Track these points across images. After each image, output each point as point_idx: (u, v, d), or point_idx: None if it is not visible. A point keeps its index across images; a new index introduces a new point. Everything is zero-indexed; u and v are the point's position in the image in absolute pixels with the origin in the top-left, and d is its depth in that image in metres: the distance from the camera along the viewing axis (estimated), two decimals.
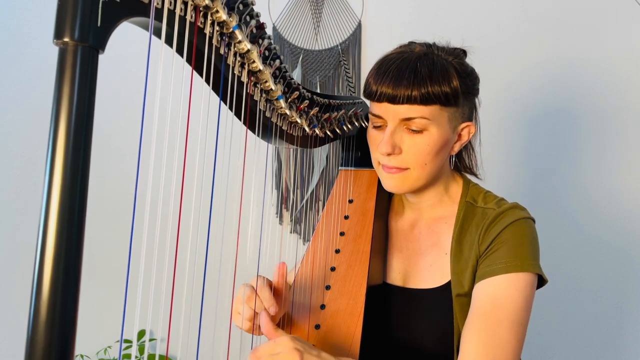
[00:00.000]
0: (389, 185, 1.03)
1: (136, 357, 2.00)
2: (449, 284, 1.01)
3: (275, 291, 0.94)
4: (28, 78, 2.20)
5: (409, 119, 0.97)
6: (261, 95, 0.84)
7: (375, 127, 1.03)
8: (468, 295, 0.98)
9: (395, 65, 0.97)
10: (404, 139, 0.99)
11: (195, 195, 0.69)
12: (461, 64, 1.02)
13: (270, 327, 0.85)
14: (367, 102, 1.08)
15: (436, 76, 0.96)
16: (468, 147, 1.13)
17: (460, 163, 1.13)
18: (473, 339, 0.91)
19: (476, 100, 1.08)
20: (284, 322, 0.99)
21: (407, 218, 1.14)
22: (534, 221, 1.02)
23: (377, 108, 1.00)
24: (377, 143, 1.00)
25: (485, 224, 1.00)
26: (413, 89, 0.94)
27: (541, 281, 0.99)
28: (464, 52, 1.07)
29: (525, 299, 0.94)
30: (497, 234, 0.98)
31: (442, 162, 1.03)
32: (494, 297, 0.93)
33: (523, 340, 0.94)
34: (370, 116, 1.04)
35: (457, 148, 1.05)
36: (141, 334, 2.01)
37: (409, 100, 0.95)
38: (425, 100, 0.95)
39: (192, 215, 0.69)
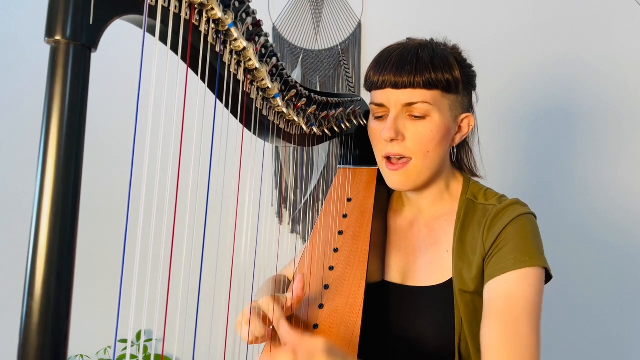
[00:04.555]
0: (393, 181, 1.03)
1: (132, 356, 2.00)
2: (449, 281, 1.00)
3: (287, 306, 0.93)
4: (26, 78, 2.19)
5: (411, 104, 0.98)
6: (258, 94, 0.83)
7: (376, 117, 1.04)
8: (474, 293, 0.98)
9: (397, 53, 1.00)
10: (407, 125, 0.99)
11: (191, 194, 0.68)
12: (460, 55, 1.05)
13: (295, 336, 0.80)
14: (367, 98, 1.08)
15: (438, 62, 0.98)
16: (466, 148, 1.13)
17: (460, 164, 1.13)
18: (494, 339, 0.90)
19: (474, 95, 1.09)
20: None
21: (406, 216, 1.13)
22: (535, 217, 1.02)
23: (379, 96, 1.01)
24: (379, 133, 1.01)
25: (488, 220, 1.00)
26: (416, 74, 0.96)
27: (547, 277, 0.98)
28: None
29: (538, 292, 0.94)
30: (501, 230, 0.97)
31: (443, 153, 1.03)
32: (508, 294, 0.93)
33: (540, 333, 0.93)
34: (371, 107, 1.04)
35: (457, 140, 1.06)
36: (139, 334, 2.01)
37: (412, 85, 0.97)
38: (427, 85, 0.97)
39: (187, 215, 0.68)
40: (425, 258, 1.06)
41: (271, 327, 0.90)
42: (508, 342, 0.89)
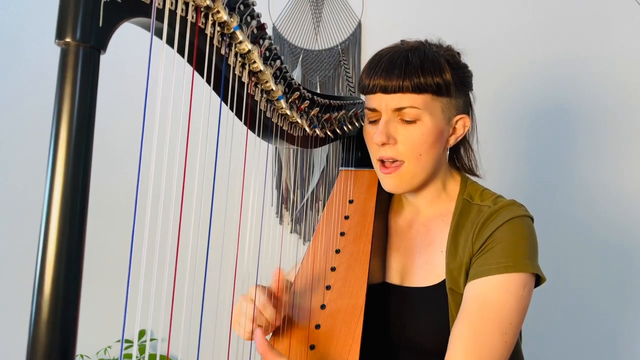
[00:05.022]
0: (387, 184, 1.04)
1: (137, 357, 2.00)
2: (444, 282, 1.01)
3: (274, 297, 0.95)
4: (26, 78, 2.19)
5: (401, 109, 0.98)
6: (262, 96, 0.84)
7: (370, 122, 1.04)
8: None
9: (387, 57, 1.00)
10: (399, 129, 1.00)
11: (196, 195, 0.69)
12: (453, 57, 1.04)
13: (265, 346, 0.85)
14: (364, 99, 1.09)
15: (427, 66, 0.98)
16: (467, 146, 1.13)
17: (459, 163, 1.13)
18: (461, 338, 0.91)
19: (471, 95, 1.09)
20: (285, 323, 0.99)
21: (405, 217, 1.14)
22: (532, 219, 1.02)
23: (371, 101, 1.02)
24: (372, 137, 1.01)
25: (480, 221, 0.99)
26: (404, 79, 0.97)
27: (539, 280, 0.98)
28: (458, 54, 1.08)
29: (517, 299, 0.93)
30: (491, 232, 0.97)
31: (437, 155, 1.03)
32: (484, 298, 0.93)
33: (513, 341, 0.93)
34: (365, 112, 1.05)
35: (452, 141, 1.06)
36: (142, 333, 2.01)
37: (401, 90, 0.97)
38: (416, 89, 0.97)
39: (192, 215, 0.69)
40: (421, 259, 1.06)
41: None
42: (472, 345, 0.90)
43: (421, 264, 1.05)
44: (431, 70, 0.98)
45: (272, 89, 0.83)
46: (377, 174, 1.07)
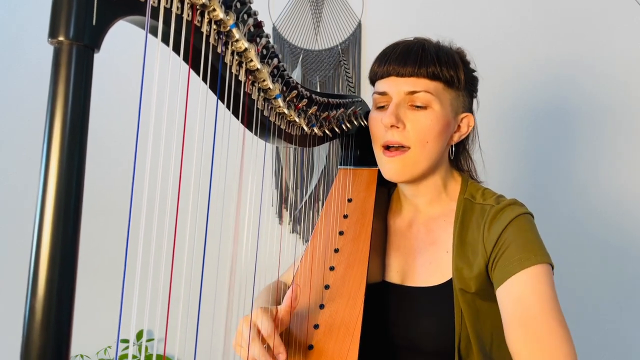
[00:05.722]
0: (389, 170, 1.03)
1: (134, 356, 2.00)
2: (449, 282, 1.00)
3: (282, 317, 0.91)
4: (27, 78, 2.20)
5: (413, 92, 0.99)
6: (259, 94, 0.83)
7: (378, 108, 1.05)
8: (474, 294, 0.98)
9: (403, 46, 1.02)
10: (408, 115, 1.01)
11: (192, 195, 0.68)
12: (465, 57, 1.07)
13: None
14: (367, 98, 1.08)
15: (443, 56, 1.00)
16: (466, 155, 1.14)
17: (459, 170, 1.14)
18: (522, 345, 0.88)
19: (474, 102, 1.10)
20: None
21: (405, 217, 1.13)
22: (532, 216, 1.02)
23: (382, 85, 1.03)
24: (380, 121, 1.02)
25: (487, 221, 1.00)
26: (420, 65, 0.99)
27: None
28: None
29: (550, 286, 0.93)
30: (500, 232, 0.97)
31: (441, 147, 1.03)
32: (521, 295, 0.92)
33: (565, 323, 0.91)
34: (373, 98, 1.06)
35: (456, 138, 1.07)
36: (139, 334, 2.01)
37: (415, 74, 0.99)
38: (431, 76, 0.99)
39: (189, 215, 0.68)
40: (424, 258, 1.06)
41: (266, 345, 0.88)
42: (536, 344, 0.88)
43: (423, 264, 1.05)
44: (446, 60, 1.00)
45: (269, 88, 0.83)
46: (379, 162, 1.06)
